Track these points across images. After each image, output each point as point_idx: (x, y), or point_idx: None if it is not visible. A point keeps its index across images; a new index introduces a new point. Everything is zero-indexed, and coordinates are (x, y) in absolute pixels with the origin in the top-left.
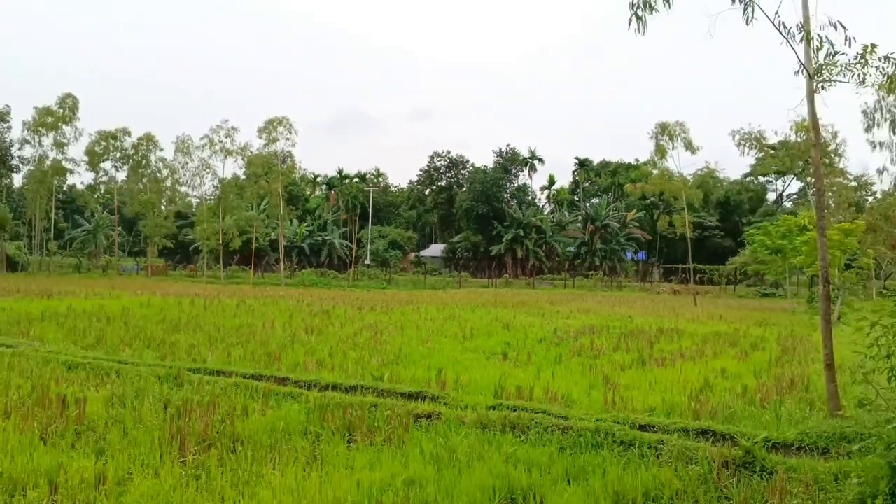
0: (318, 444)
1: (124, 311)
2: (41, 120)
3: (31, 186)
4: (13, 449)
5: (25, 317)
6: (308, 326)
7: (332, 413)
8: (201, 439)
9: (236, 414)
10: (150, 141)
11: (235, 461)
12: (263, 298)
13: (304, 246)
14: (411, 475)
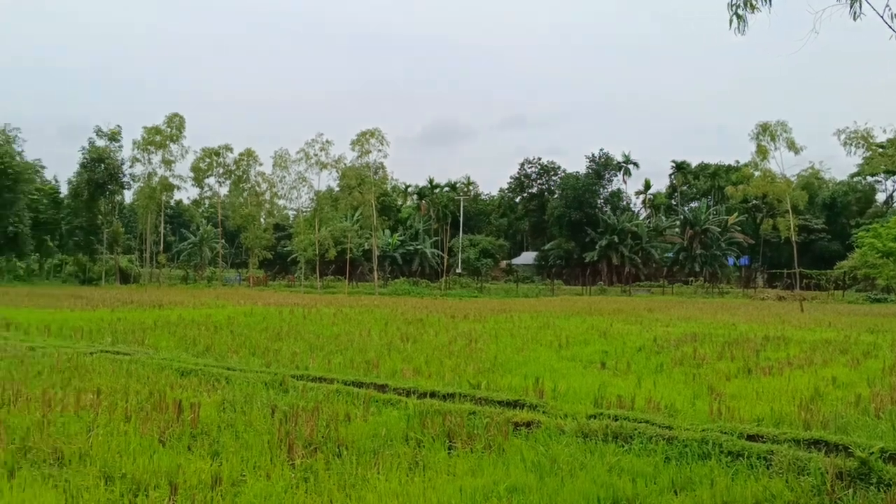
0: (419, 450)
1: (229, 320)
2: (150, 139)
3: (142, 202)
4: (135, 451)
5: (140, 326)
6: (403, 334)
7: (432, 420)
8: (308, 443)
9: (339, 419)
10: (251, 156)
11: (341, 465)
12: (359, 307)
13: (396, 255)
14: (513, 482)
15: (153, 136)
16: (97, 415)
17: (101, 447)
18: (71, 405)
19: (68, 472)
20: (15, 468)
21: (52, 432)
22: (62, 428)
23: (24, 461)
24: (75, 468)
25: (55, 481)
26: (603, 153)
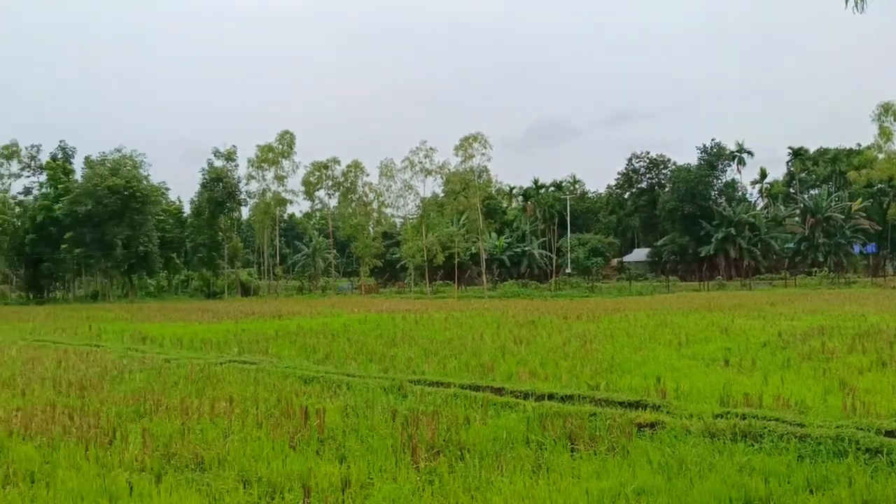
0: (541, 453)
1: (345, 328)
2: (263, 156)
3: (257, 217)
4: (268, 455)
5: (262, 336)
6: (516, 337)
7: (552, 422)
8: (430, 447)
9: (459, 423)
10: (358, 167)
11: (464, 468)
12: (469, 311)
13: (503, 258)
14: (640, 484)
15: (266, 154)
16: (231, 421)
17: (237, 452)
18: (206, 413)
19: (209, 477)
20: (161, 473)
21: (192, 439)
22: (200, 434)
23: (169, 466)
24: (215, 472)
25: (198, 485)
26: (715, 143)
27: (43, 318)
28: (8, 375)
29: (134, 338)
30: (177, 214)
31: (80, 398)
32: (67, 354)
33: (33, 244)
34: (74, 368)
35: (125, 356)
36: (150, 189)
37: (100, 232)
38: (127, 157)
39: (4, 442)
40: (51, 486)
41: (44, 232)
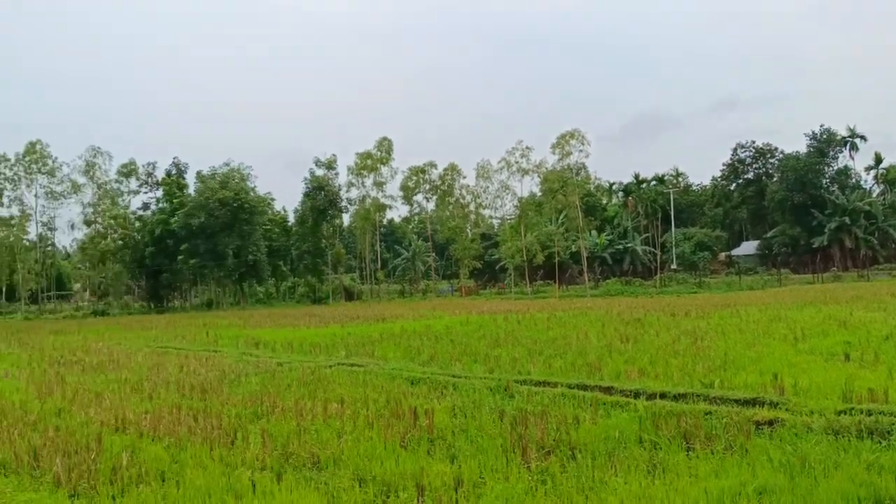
0: (655, 453)
1: (448, 330)
2: (362, 164)
3: (358, 224)
4: (381, 455)
5: (368, 339)
6: (622, 335)
7: (665, 421)
8: (540, 447)
9: (568, 423)
10: (454, 170)
11: (576, 468)
12: (572, 310)
13: (605, 255)
14: (762, 483)
15: (365, 161)
16: (343, 422)
17: (351, 452)
18: (319, 414)
19: (326, 475)
20: (281, 472)
21: (308, 439)
22: (315, 435)
23: (287, 465)
24: (331, 471)
25: (316, 484)
26: (825, 129)
27: (164, 326)
28: (136, 380)
29: (247, 343)
30: (282, 223)
31: (202, 401)
32: (188, 360)
33: (153, 256)
34: (195, 373)
35: (241, 360)
36: (256, 200)
37: (212, 243)
38: (235, 170)
39: (136, 443)
40: (180, 484)
41: (162, 244)
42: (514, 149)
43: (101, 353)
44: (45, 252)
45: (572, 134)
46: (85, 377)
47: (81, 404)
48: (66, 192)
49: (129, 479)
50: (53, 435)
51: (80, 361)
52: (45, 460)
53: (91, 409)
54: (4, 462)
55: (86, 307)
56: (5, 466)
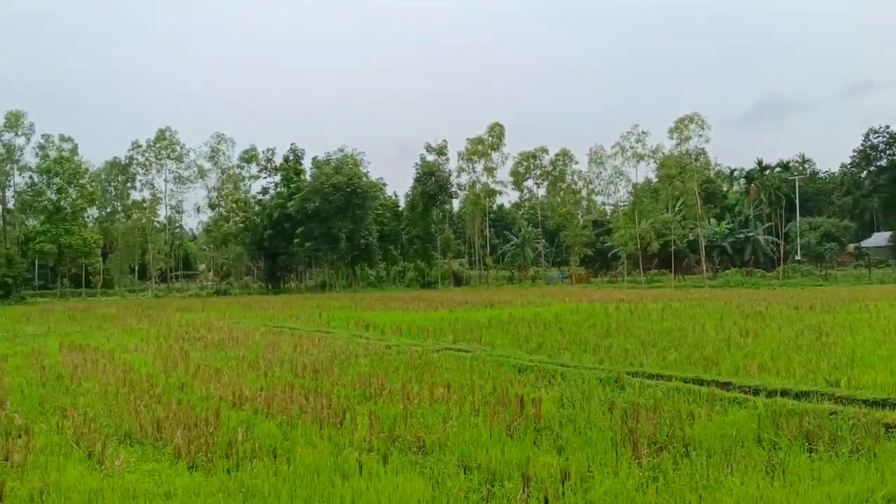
0: (774, 453)
1: (557, 318)
2: (473, 149)
3: (468, 209)
4: (486, 442)
5: (476, 324)
6: (742, 328)
7: (786, 420)
8: (652, 442)
9: (682, 418)
10: (566, 156)
11: (690, 465)
12: (688, 301)
13: (725, 245)
14: (891, 491)
15: (476, 147)
16: (449, 407)
17: (457, 438)
18: (426, 398)
19: (431, 460)
20: (387, 454)
21: (414, 423)
22: (421, 419)
23: (394, 448)
24: (436, 456)
25: (421, 468)
26: None
27: (280, 307)
28: (253, 358)
29: (358, 325)
30: (393, 208)
31: (313, 380)
32: (301, 340)
33: (271, 239)
34: (308, 353)
35: (351, 342)
36: (369, 185)
37: (326, 227)
38: (348, 155)
39: (251, 419)
40: (291, 461)
41: (279, 228)
42: (629, 133)
43: (222, 330)
44: (174, 234)
45: (691, 118)
46: (207, 353)
47: (202, 379)
48: (193, 177)
49: (243, 454)
50: (176, 408)
51: (203, 338)
52: (167, 432)
53: (211, 384)
54: (130, 432)
55: (209, 286)
56: (131, 437)
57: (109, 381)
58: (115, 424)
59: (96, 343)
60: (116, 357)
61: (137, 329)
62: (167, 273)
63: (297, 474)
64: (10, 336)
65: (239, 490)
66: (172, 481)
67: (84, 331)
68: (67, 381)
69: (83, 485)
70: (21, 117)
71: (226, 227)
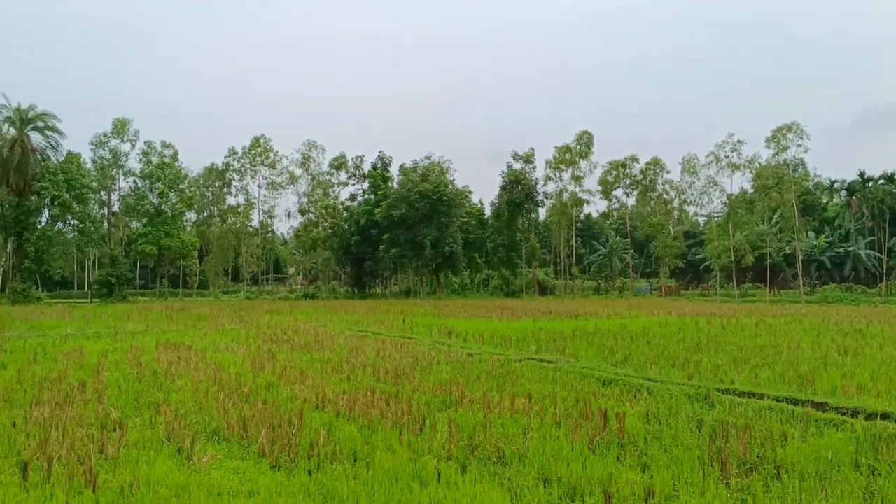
0: (873, 479)
1: (644, 331)
2: (561, 157)
3: (554, 218)
4: (567, 456)
5: (559, 335)
6: (840, 347)
7: (887, 445)
8: (741, 462)
9: (774, 439)
10: (657, 165)
11: (781, 489)
12: (783, 317)
13: (823, 259)
14: None
15: (563, 155)
16: (530, 419)
17: (537, 450)
18: (506, 408)
19: (510, 471)
20: (466, 463)
21: (493, 433)
22: (501, 429)
23: (472, 457)
24: (515, 468)
25: (500, 479)
26: None
27: (364, 311)
28: (336, 361)
29: (440, 332)
30: (478, 216)
31: (394, 385)
32: (384, 345)
33: (357, 245)
34: (390, 358)
35: (433, 349)
36: (455, 193)
37: (412, 233)
38: (435, 163)
39: (333, 421)
40: (370, 465)
41: (366, 234)
42: (724, 142)
43: (308, 333)
44: (266, 238)
45: (789, 127)
46: (293, 355)
47: (288, 381)
48: (285, 183)
49: (324, 456)
50: (262, 408)
51: (290, 340)
52: (252, 431)
53: (296, 385)
54: (218, 430)
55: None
56: (218, 434)
57: (201, 380)
58: (204, 421)
59: (190, 342)
60: (208, 356)
61: (229, 329)
62: (258, 276)
63: (376, 479)
64: (112, 333)
65: (319, 492)
66: (255, 480)
67: (179, 329)
68: (162, 378)
69: (171, 479)
70: (127, 124)
71: (315, 233)
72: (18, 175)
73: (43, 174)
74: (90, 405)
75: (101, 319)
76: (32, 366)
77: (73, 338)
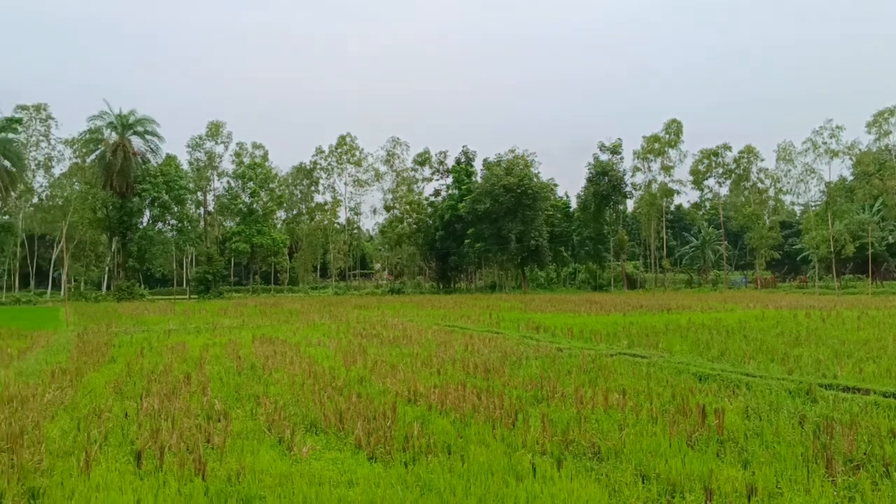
0: None
1: (741, 324)
2: (649, 147)
3: (643, 209)
4: (665, 452)
5: (651, 329)
6: None
7: None
8: (847, 459)
9: (882, 435)
10: (751, 153)
11: (891, 487)
12: (887, 309)
13: None
14: None
15: (652, 144)
16: (625, 414)
17: (633, 446)
18: (600, 403)
19: (606, 467)
20: (560, 459)
21: (588, 428)
22: (595, 425)
23: (567, 453)
24: (612, 464)
25: (596, 474)
26: None
27: (450, 306)
28: (426, 355)
29: (528, 326)
30: (564, 209)
31: (484, 380)
32: (472, 339)
33: (442, 240)
34: (479, 352)
35: (521, 343)
36: (540, 186)
37: (497, 228)
38: (519, 157)
39: (425, 415)
40: (465, 459)
41: (450, 229)
42: (821, 128)
43: (396, 328)
44: (352, 234)
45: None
46: (382, 349)
47: (379, 374)
48: (370, 180)
49: (418, 449)
50: (356, 401)
51: (379, 335)
52: (348, 423)
53: (387, 379)
54: (315, 422)
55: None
56: (315, 426)
57: (296, 373)
58: (302, 413)
59: (284, 336)
60: (301, 350)
61: (320, 324)
62: (346, 271)
63: (471, 472)
64: (210, 328)
65: (416, 483)
66: (354, 470)
67: (273, 324)
68: (260, 371)
69: (274, 469)
70: (220, 127)
71: (400, 229)
72: (121, 178)
73: (143, 177)
74: (195, 397)
75: (200, 315)
76: (140, 359)
77: (176, 333)
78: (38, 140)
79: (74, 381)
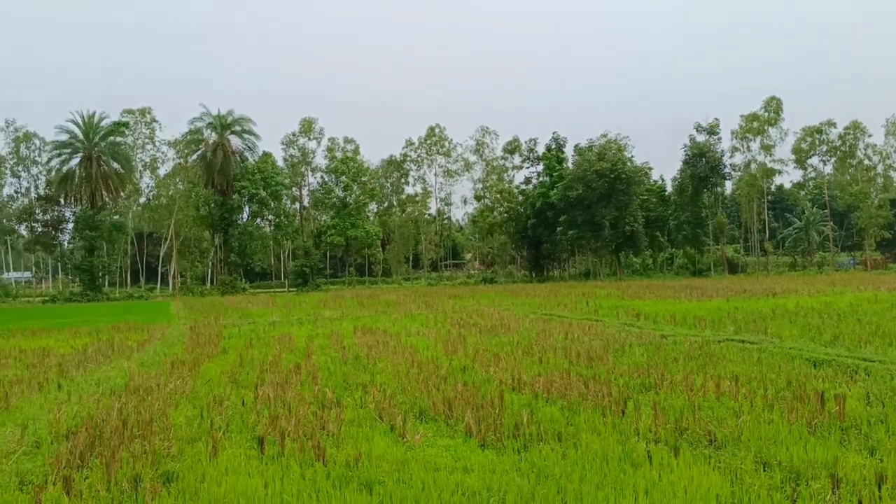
0: None
1: (853, 308)
2: (748, 126)
3: (742, 191)
4: (785, 439)
5: (758, 314)
6: None
7: None
8: None
9: None
10: (857, 129)
11: None
12: None
13: None
14: None
15: (750, 123)
16: (739, 402)
17: (751, 433)
18: (711, 391)
19: (724, 455)
20: (676, 446)
21: (702, 416)
22: (709, 412)
23: (682, 440)
24: (730, 451)
25: (714, 462)
26: None
27: (545, 294)
28: (526, 344)
29: (628, 313)
30: (660, 193)
31: (588, 368)
32: (571, 327)
33: (534, 228)
34: (579, 340)
35: (622, 331)
36: (633, 170)
37: (590, 214)
38: (612, 141)
39: (532, 402)
40: (577, 446)
41: (542, 216)
42: None
43: (493, 317)
44: (443, 225)
45: None
46: (482, 338)
47: (482, 363)
48: (460, 170)
49: (529, 436)
50: (462, 389)
51: (477, 324)
52: (456, 411)
53: (490, 368)
54: (424, 409)
55: (476, 275)
56: (424, 414)
57: (399, 362)
58: (410, 402)
59: (384, 327)
60: (402, 340)
61: (416, 314)
62: (437, 262)
63: (586, 459)
64: (312, 319)
65: (531, 470)
66: (468, 457)
67: (371, 315)
68: (364, 361)
69: (390, 455)
70: (313, 123)
71: (491, 218)
72: (221, 176)
73: (242, 174)
74: (306, 386)
75: (301, 307)
76: (249, 350)
77: (280, 324)
78: (144, 142)
79: (192, 371)
